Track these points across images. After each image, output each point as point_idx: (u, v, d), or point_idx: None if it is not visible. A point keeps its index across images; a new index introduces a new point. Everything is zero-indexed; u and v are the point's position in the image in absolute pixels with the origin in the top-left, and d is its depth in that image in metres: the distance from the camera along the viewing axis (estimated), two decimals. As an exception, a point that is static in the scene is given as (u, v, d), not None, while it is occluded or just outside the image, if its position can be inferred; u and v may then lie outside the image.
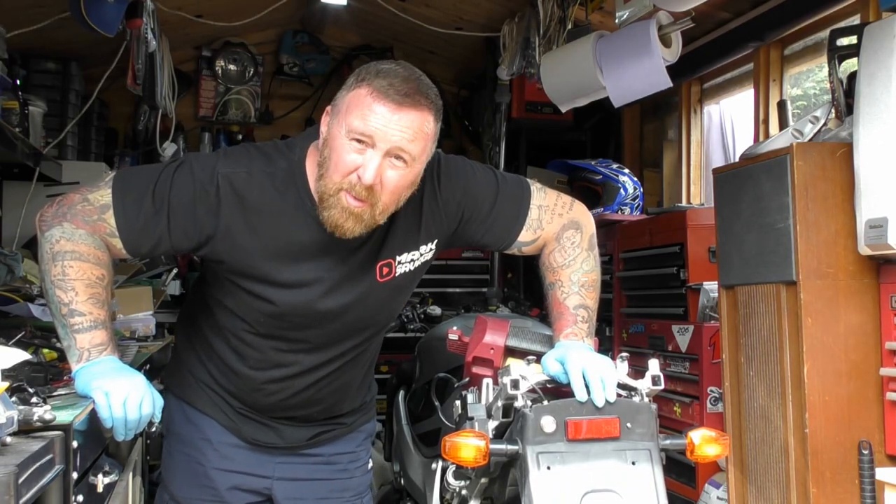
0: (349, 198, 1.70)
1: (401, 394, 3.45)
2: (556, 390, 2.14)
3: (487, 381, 2.22)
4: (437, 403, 2.90)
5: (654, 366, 2.12)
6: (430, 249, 1.97)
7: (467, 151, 5.61)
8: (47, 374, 1.96)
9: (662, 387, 2.12)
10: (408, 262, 1.94)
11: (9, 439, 1.38)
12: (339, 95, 1.75)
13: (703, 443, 2.02)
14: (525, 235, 2.04)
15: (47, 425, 1.50)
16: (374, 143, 1.68)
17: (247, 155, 1.83)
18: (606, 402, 1.97)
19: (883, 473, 2.41)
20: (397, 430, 3.35)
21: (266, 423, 2.03)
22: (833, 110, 2.68)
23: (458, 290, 5.03)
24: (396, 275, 1.93)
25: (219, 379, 2.02)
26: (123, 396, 1.64)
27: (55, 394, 1.83)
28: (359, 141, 1.68)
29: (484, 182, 2.00)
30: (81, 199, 1.77)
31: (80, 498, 1.69)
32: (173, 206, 1.76)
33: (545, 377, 2.07)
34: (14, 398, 1.50)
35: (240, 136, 5.38)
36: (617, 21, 3.23)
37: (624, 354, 2.15)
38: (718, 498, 3.02)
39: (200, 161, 1.81)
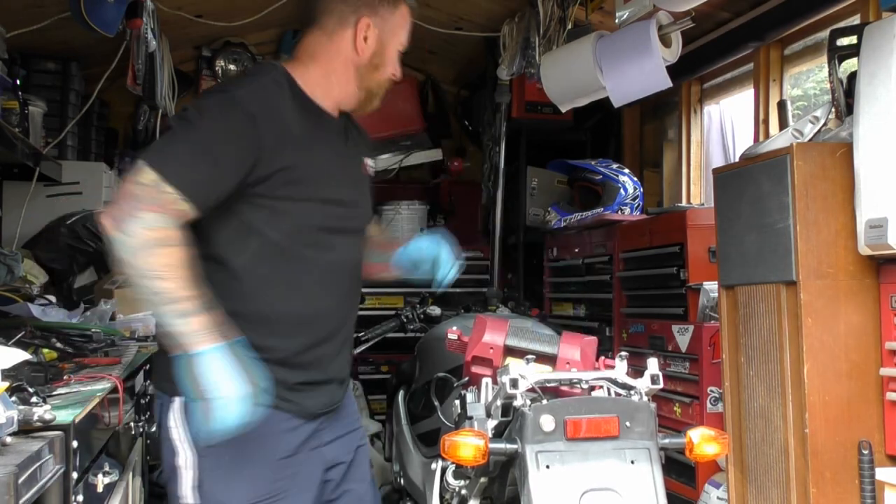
0: (384, 91, 2.10)
1: (400, 394, 3.45)
2: (556, 389, 2.14)
3: (487, 381, 2.23)
4: (436, 403, 2.90)
5: (652, 365, 2.12)
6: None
7: (467, 151, 5.61)
8: (47, 374, 1.96)
9: (661, 386, 2.13)
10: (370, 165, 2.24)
11: (9, 439, 1.38)
12: (385, 12, 2.01)
13: (703, 442, 2.03)
14: None
15: (47, 425, 1.50)
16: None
17: (260, 86, 1.91)
18: (605, 401, 1.98)
19: (883, 473, 2.41)
20: (397, 430, 3.35)
21: (320, 382, 2.01)
22: (833, 110, 2.68)
23: (458, 290, 5.02)
24: (370, 174, 2.22)
25: (283, 345, 1.95)
26: (235, 413, 1.71)
27: (55, 394, 1.84)
28: (400, 52, 2.08)
29: None
30: (136, 185, 1.76)
31: (80, 498, 1.69)
32: (221, 144, 1.82)
33: (544, 376, 2.08)
34: (14, 398, 1.50)
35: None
36: (617, 21, 3.23)
37: (623, 354, 2.15)
38: (718, 498, 3.02)
39: (225, 98, 1.88)
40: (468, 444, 1.97)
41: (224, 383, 1.69)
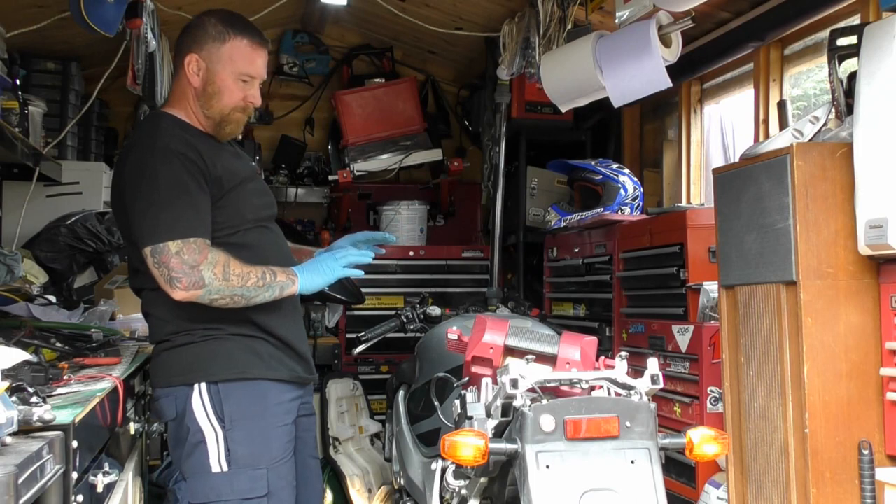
0: (241, 115, 2.39)
1: (400, 394, 3.45)
2: (556, 389, 2.14)
3: (487, 381, 2.23)
4: (436, 403, 2.90)
5: (652, 365, 2.12)
6: None
7: (467, 151, 5.61)
8: (47, 374, 1.96)
9: (661, 386, 2.12)
10: None
11: (9, 439, 1.38)
12: (211, 46, 2.32)
13: (703, 441, 2.03)
14: None
15: (47, 425, 1.50)
16: (256, 78, 2.37)
17: (165, 131, 2.30)
18: (606, 401, 1.97)
19: (883, 473, 2.41)
20: (397, 430, 3.35)
21: (300, 353, 2.39)
22: (833, 110, 2.67)
23: (458, 290, 5.03)
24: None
25: (268, 321, 2.31)
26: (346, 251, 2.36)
27: (55, 394, 1.84)
28: (245, 80, 2.34)
29: None
30: (174, 257, 2.13)
31: (80, 498, 1.69)
32: (191, 184, 2.20)
33: (544, 376, 2.08)
34: (14, 398, 1.50)
35: (240, 136, 5.36)
36: (617, 21, 3.22)
37: (623, 354, 2.15)
38: (718, 498, 3.02)
39: (159, 149, 2.23)
40: (468, 444, 1.97)
41: (326, 266, 2.32)
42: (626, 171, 4.24)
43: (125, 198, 2.24)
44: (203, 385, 2.22)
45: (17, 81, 3.35)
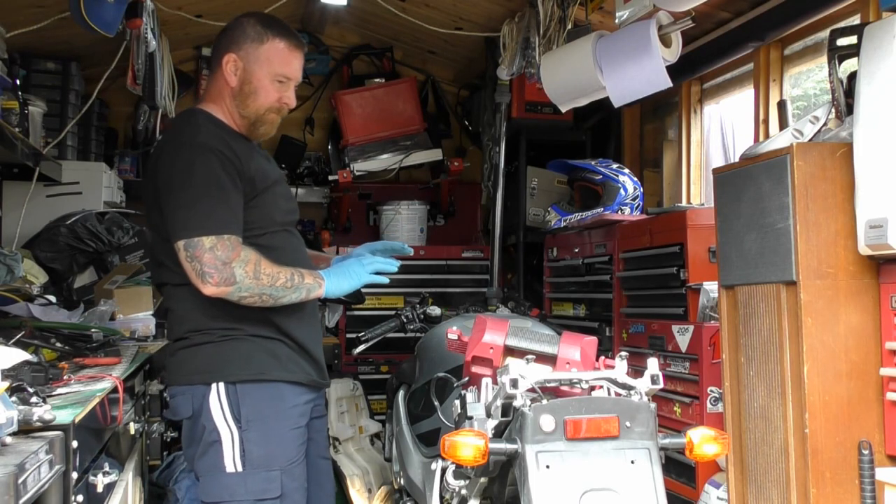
0: (275, 116, 2.41)
1: (400, 394, 3.45)
2: (556, 389, 2.14)
3: (487, 381, 2.23)
4: (436, 403, 2.90)
5: (652, 365, 2.12)
6: None
7: (467, 151, 5.61)
8: (47, 374, 1.96)
9: (661, 386, 2.12)
10: None
11: (9, 439, 1.38)
12: (249, 47, 2.33)
13: (703, 441, 2.03)
14: None
15: (47, 425, 1.50)
16: (292, 80, 2.38)
17: (202, 128, 2.31)
18: (606, 401, 1.97)
19: (883, 473, 2.41)
20: (397, 430, 3.35)
21: (316, 357, 2.39)
22: (833, 110, 2.68)
23: (458, 290, 5.03)
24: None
25: (286, 324, 2.31)
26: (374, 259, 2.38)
27: (55, 394, 1.84)
28: (281, 81, 2.35)
29: None
30: (207, 252, 2.13)
31: (80, 498, 1.69)
32: (226, 181, 2.21)
33: (544, 376, 2.08)
34: (14, 398, 1.50)
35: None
36: (617, 21, 3.23)
37: (623, 354, 2.15)
38: (718, 498, 3.02)
39: (196, 145, 2.23)
40: (468, 444, 1.97)
41: (353, 271, 2.35)
42: (626, 171, 4.24)
43: (159, 191, 2.24)
44: (221, 385, 2.22)
45: (17, 81, 3.35)
